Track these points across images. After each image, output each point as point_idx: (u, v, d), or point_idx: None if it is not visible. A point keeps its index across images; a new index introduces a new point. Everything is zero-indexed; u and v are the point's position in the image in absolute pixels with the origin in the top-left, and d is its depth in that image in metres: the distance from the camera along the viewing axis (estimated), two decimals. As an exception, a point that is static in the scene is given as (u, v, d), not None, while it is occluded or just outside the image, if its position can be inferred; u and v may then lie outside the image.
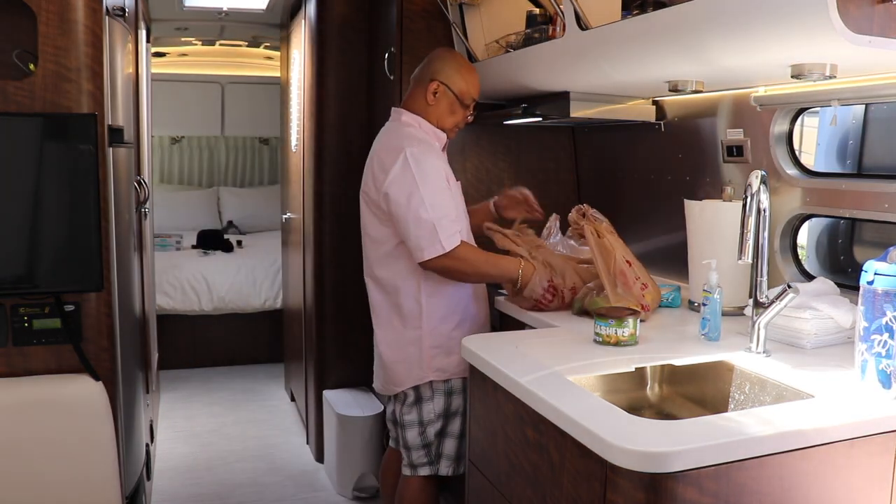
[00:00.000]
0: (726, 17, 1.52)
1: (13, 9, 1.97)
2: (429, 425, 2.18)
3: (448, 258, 2.02)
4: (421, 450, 2.20)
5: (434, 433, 2.18)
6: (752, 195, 1.66)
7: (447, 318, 2.15)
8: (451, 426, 2.19)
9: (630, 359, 1.72)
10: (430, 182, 2.04)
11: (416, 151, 2.06)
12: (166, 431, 3.88)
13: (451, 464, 2.20)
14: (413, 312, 2.14)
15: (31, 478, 2.02)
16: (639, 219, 2.74)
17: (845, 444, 1.31)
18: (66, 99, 1.99)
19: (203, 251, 5.21)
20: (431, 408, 2.17)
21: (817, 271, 2.22)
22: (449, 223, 2.03)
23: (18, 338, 2.04)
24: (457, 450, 2.19)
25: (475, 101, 2.25)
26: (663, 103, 2.55)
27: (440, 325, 2.15)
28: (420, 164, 2.04)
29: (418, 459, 2.20)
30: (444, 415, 2.18)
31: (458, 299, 2.17)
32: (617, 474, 1.22)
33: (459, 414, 2.18)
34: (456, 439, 2.19)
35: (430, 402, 2.17)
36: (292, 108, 4.01)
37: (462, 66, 2.21)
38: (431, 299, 2.14)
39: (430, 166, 2.06)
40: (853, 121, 2.31)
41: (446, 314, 2.15)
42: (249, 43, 5.60)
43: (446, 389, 2.17)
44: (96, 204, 1.99)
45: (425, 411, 2.18)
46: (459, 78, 2.18)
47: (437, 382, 2.16)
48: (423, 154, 2.07)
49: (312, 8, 3.35)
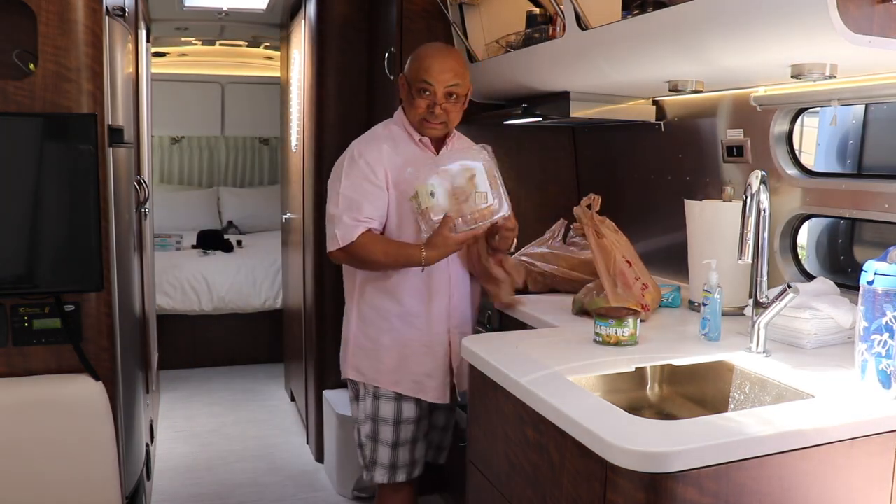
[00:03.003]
0: (726, 17, 1.52)
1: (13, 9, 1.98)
2: (361, 425, 2.19)
3: (343, 251, 2.06)
4: (358, 449, 2.22)
5: (366, 436, 2.18)
6: (752, 195, 1.66)
7: (372, 325, 2.15)
8: (382, 433, 2.16)
9: (630, 359, 1.72)
10: (352, 176, 2.07)
11: (359, 146, 2.11)
12: (166, 431, 3.88)
13: (386, 472, 2.16)
14: (349, 308, 2.21)
15: (31, 478, 2.02)
16: (639, 219, 2.74)
17: (845, 444, 1.31)
18: (66, 99, 1.99)
19: (203, 251, 5.21)
20: (363, 406, 2.18)
21: (817, 271, 2.22)
22: (350, 218, 2.03)
23: (18, 338, 2.04)
24: (391, 458, 2.16)
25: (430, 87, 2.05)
26: (663, 103, 2.55)
27: (365, 328, 2.16)
28: (353, 159, 2.08)
29: (360, 460, 2.23)
30: (373, 418, 2.16)
31: (385, 312, 2.13)
32: (617, 474, 1.22)
33: (391, 423, 2.15)
34: (389, 448, 2.16)
35: (363, 402, 2.18)
36: (292, 108, 4.01)
37: (416, 52, 2.14)
38: (363, 300, 2.16)
39: (362, 162, 2.07)
40: (853, 121, 2.31)
41: (373, 321, 2.15)
42: (249, 43, 5.60)
43: (375, 393, 2.16)
44: (96, 204, 1.99)
45: (359, 409, 2.20)
46: (410, 62, 2.13)
47: (368, 385, 2.17)
48: (364, 148, 2.10)
49: (312, 8, 3.35)
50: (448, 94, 2.07)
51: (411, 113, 2.11)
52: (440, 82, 2.05)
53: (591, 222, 2.18)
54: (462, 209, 2.01)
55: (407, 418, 2.15)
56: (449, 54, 2.12)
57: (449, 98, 2.08)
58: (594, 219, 2.19)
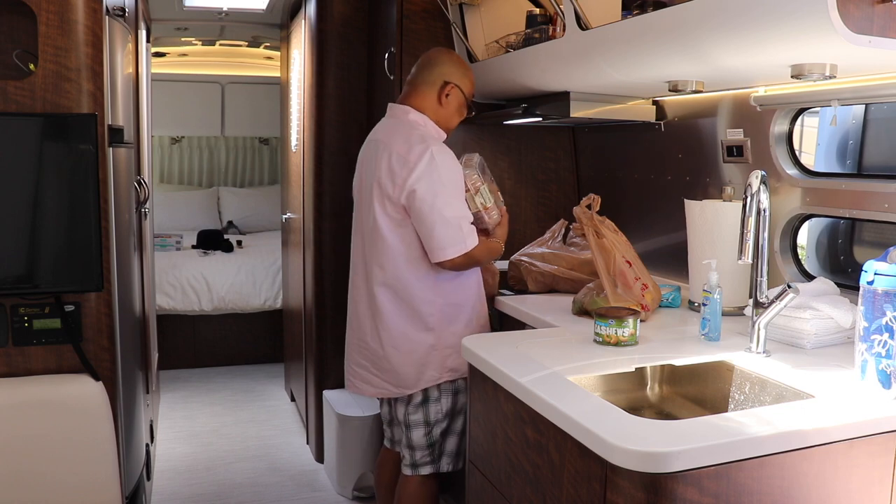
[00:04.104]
0: (726, 17, 1.52)
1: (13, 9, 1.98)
2: (436, 425, 2.19)
3: (465, 256, 2.08)
4: (426, 449, 2.20)
5: (440, 432, 2.20)
6: (752, 195, 1.66)
7: (459, 319, 2.17)
8: (454, 424, 2.21)
9: (630, 359, 1.72)
10: (453, 182, 2.08)
11: (439, 150, 2.08)
12: (166, 431, 3.88)
13: (451, 460, 2.22)
14: (429, 315, 2.14)
15: (31, 478, 2.02)
16: (639, 219, 2.74)
17: (845, 445, 1.31)
18: (67, 99, 1.99)
19: (203, 251, 5.21)
20: (439, 408, 2.19)
21: (817, 271, 2.22)
22: (468, 223, 2.09)
23: (18, 338, 2.04)
24: (457, 446, 2.22)
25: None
26: (663, 103, 2.55)
27: (454, 325, 2.16)
28: (445, 163, 2.07)
29: (422, 459, 2.21)
30: (451, 414, 2.20)
31: (466, 299, 2.19)
32: (617, 474, 1.22)
33: (463, 412, 2.20)
34: (457, 436, 2.22)
35: (438, 403, 2.19)
36: (292, 108, 4.01)
37: (468, 69, 2.27)
38: (447, 301, 2.16)
39: (452, 166, 2.09)
40: (853, 121, 2.31)
41: (458, 315, 2.17)
42: (249, 43, 5.60)
43: (453, 389, 2.19)
44: (96, 204, 1.99)
45: (433, 412, 2.19)
46: (467, 80, 2.24)
47: (445, 383, 2.18)
48: (445, 154, 2.10)
49: (312, 8, 3.35)
50: None
51: (452, 121, 2.24)
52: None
53: (591, 222, 2.19)
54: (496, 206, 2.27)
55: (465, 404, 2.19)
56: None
57: None
58: (594, 219, 2.19)
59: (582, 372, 1.62)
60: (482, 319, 2.26)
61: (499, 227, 2.25)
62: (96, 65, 2.02)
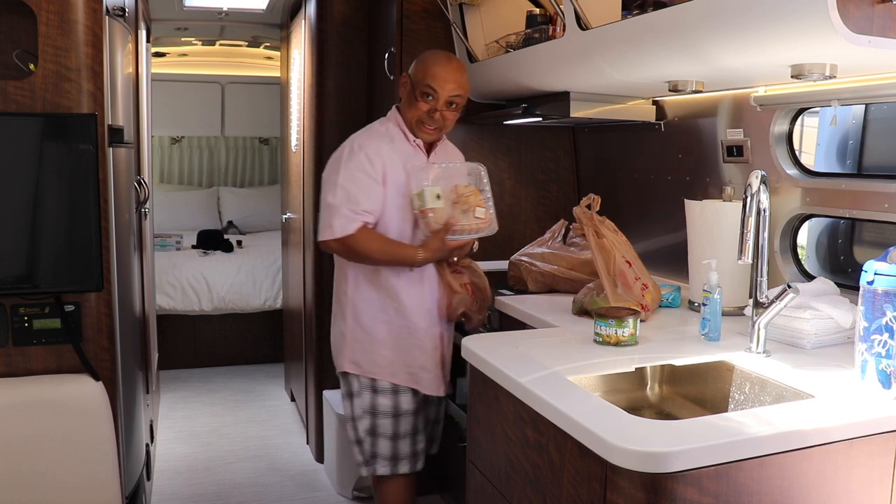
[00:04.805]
0: (726, 17, 1.52)
1: (13, 9, 1.98)
2: (358, 421, 2.21)
3: (339, 243, 2.08)
4: (356, 446, 2.23)
5: (364, 430, 2.20)
6: (752, 195, 1.66)
7: (368, 317, 2.18)
8: (381, 427, 2.20)
9: (630, 359, 1.72)
10: (351, 168, 2.09)
11: (359, 139, 2.14)
12: (166, 431, 3.88)
13: (388, 464, 2.21)
14: (342, 301, 2.22)
15: (31, 478, 2.02)
16: (639, 219, 2.74)
17: (845, 445, 1.31)
18: (67, 99, 1.99)
19: (203, 251, 5.21)
20: (359, 403, 2.21)
21: (817, 271, 2.22)
22: (349, 210, 2.07)
23: (18, 338, 2.04)
24: (392, 451, 2.20)
25: (434, 93, 2.11)
26: (663, 103, 2.55)
27: (360, 320, 2.19)
28: (353, 151, 2.11)
29: (357, 456, 2.24)
30: (371, 412, 2.19)
31: (380, 304, 2.18)
32: (617, 474, 1.22)
33: (389, 416, 2.19)
34: (389, 440, 2.20)
35: (358, 398, 2.21)
36: (292, 108, 4.01)
37: (424, 56, 2.20)
38: (357, 293, 2.18)
39: (362, 155, 2.10)
40: (853, 121, 2.31)
41: (370, 312, 2.18)
42: (249, 43, 5.60)
43: (372, 387, 2.20)
44: (96, 204, 1.99)
45: (355, 406, 2.22)
46: (416, 65, 2.19)
47: (364, 378, 2.19)
48: (364, 141, 2.13)
49: (312, 8, 3.35)
50: (449, 102, 2.15)
51: (410, 113, 2.17)
52: (445, 90, 2.13)
53: (591, 222, 2.18)
54: (459, 218, 2.11)
55: (406, 410, 2.18)
56: (458, 67, 2.20)
57: (449, 106, 2.16)
58: (594, 219, 2.19)
59: (582, 372, 1.62)
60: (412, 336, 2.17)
61: (432, 236, 2.09)
62: (96, 65, 2.02)
